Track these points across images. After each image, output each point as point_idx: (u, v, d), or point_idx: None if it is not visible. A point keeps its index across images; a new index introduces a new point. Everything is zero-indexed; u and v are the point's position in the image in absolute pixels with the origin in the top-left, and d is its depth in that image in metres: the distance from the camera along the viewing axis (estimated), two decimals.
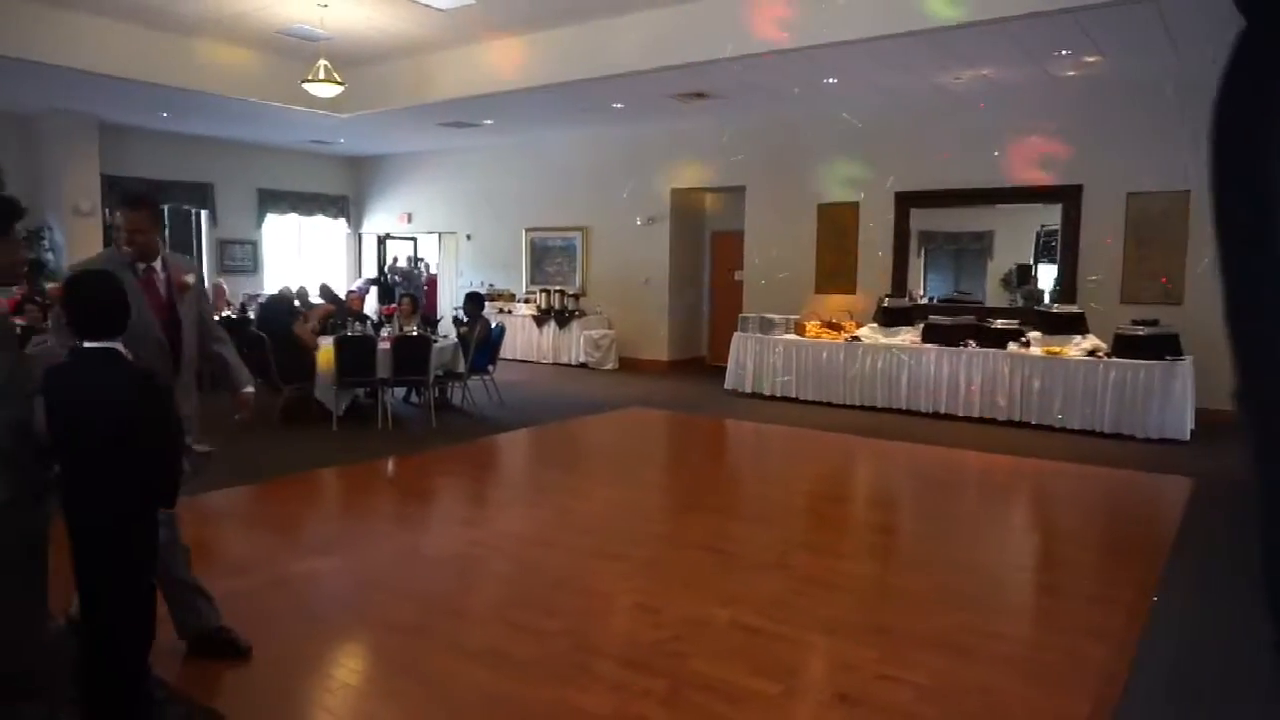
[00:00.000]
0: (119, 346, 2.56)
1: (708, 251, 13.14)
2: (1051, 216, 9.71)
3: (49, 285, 9.27)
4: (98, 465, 2.54)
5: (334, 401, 8.01)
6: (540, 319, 13.07)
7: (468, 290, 10.79)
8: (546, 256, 13.87)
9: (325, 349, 8.02)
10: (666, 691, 3.13)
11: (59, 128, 11.54)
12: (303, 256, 15.76)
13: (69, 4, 8.38)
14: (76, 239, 11.59)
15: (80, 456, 2.55)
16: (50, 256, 11.48)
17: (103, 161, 11.99)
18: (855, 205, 10.79)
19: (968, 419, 8.82)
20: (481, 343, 9.08)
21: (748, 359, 10.31)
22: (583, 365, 12.58)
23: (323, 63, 8.55)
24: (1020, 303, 10.03)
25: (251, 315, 10.88)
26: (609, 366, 12.49)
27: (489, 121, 11.92)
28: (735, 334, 10.50)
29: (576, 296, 13.10)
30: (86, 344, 2.53)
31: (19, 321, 6.43)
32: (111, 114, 11.62)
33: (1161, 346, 8.07)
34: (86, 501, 2.57)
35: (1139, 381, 8.00)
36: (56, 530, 2.62)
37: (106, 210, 12.18)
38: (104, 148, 12.00)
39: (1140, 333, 8.21)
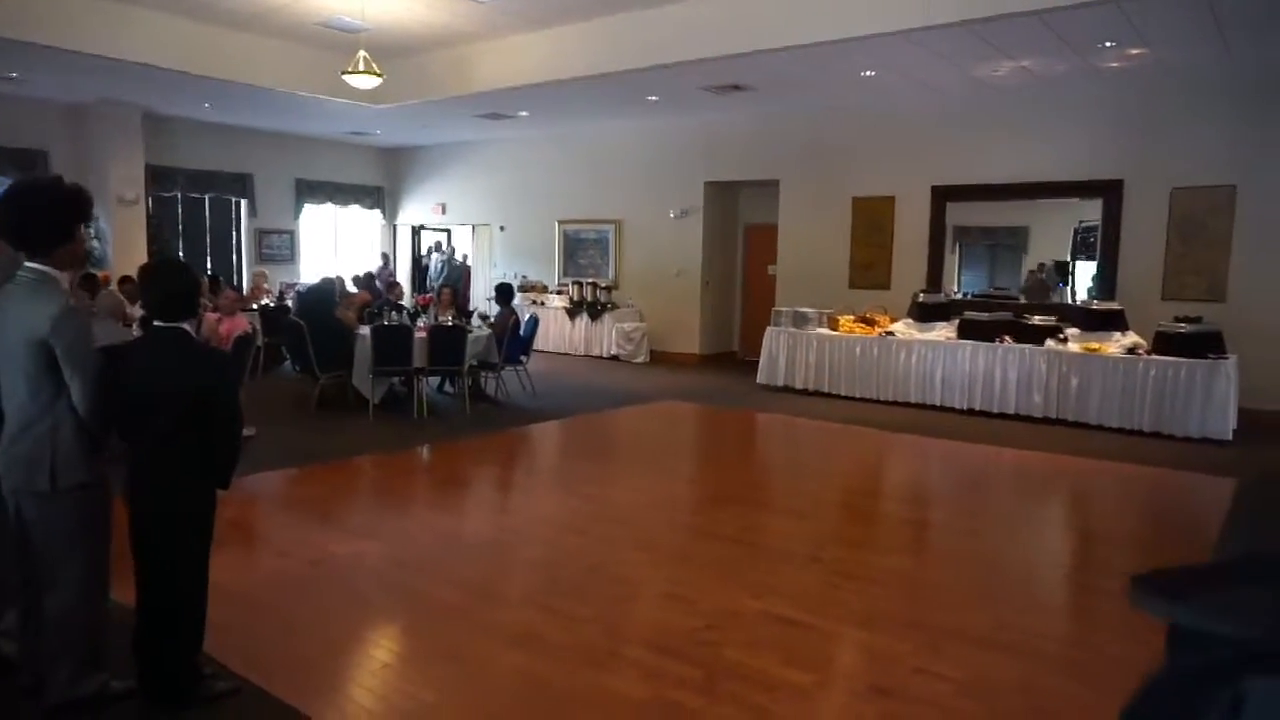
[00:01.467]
0: (187, 327, 2.67)
1: (741, 245, 13.11)
2: (1090, 212, 9.56)
3: (97, 272, 9.48)
4: (167, 444, 2.63)
5: (370, 389, 8.12)
6: (572, 311, 13.12)
7: (498, 282, 10.84)
8: (579, 249, 13.91)
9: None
10: (702, 679, 3.16)
11: (106, 118, 11.77)
12: (338, 246, 15.96)
13: None
14: (121, 227, 11.84)
15: (151, 435, 2.65)
16: (96, 244, 11.73)
17: (147, 151, 12.22)
18: (891, 199, 10.69)
19: (1003, 415, 8.72)
20: (510, 333, 9.14)
21: (780, 353, 10.28)
22: (614, 358, 12.62)
23: (362, 54, 8.64)
24: (1023, 298, 9.99)
25: (290, 304, 11.07)
26: (640, 359, 12.51)
27: (524, 113, 11.97)
28: (768, 328, 10.47)
29: (609, 289, 13.13)
30: (157, 324, 2.65)
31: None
32: (156, 105, 11.84)
33: (1204, 344, 7.92)
34: (153, 480, 2.67)
35: (1180, 379, 7.87)
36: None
37: (149, 200, 12.43)
38: (148, 138, 12.22)
39: (1182, 330, 8.06)
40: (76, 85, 10.63)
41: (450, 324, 8.68)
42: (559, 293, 13.65)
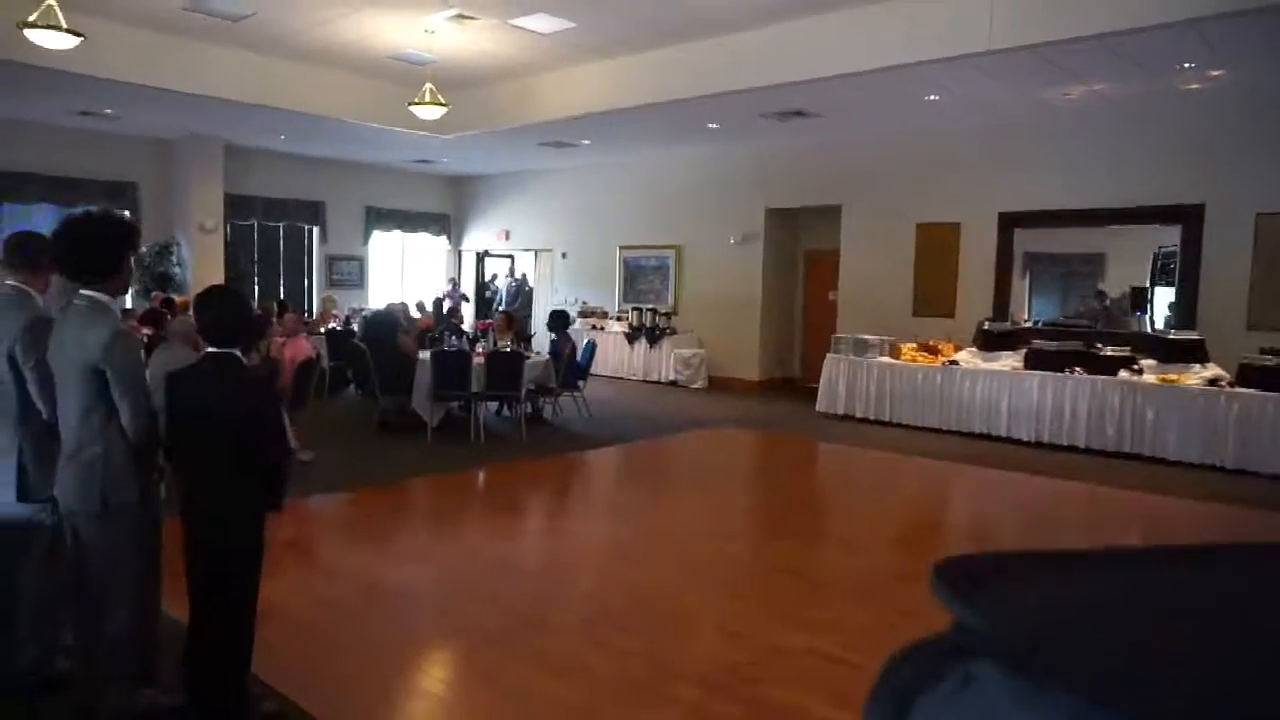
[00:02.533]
0: (238, 353, 2.76)
1: (802, 271, 12.99)
2: (1170, 237, 9.19)
3: (175, 297, 9.88)
4: (220, 466, 2.70)
5: (429, 413, 8.25)
6: (632, 336, 13.15)
7: (554, 309, 10.93)
8: (639, 274, 13.97)
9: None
10: (743, 718, 3.08)
11: (190, 150, 12.36)
12: (405, 272, 16.36)
13: (204, 36, 8.98)
14: (201, 253, 12.36)
15: (204, 457, 2.73)
16: (178, 270, 12.26)
17: (226, 181, 12.76)
18: (956, 226, 10.46)
19: (1073, 448, 8.39)
20: (567, 359, 9.20)
21: (840, 380, 10.11)
22: (673, 383, 12.59)
23: (428, 86, 8.88)
24: (1090, 323, 9.67)
25: (355, 329, 11.36)
26: (698, 385, 12.45)
27: (586, 141, 12.13)
28: (828, 355, 10.31)
29: (668, 315, 13.14)
30: (210, 349, 2.74)
31: (146, 331, 6.86)
32: (236, 137, 12.37)
33: None
34: (205, 501, 2.74)
35: (1266, 414, 7.46)
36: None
37: (228, 227, 12.95)
38: (227, 168, 12.78)
39: (1270, 362, 7.66)
40: (165, 121, 11.20)
41: (508, 349, 8.78)
42: (619, 318, 13.71)
